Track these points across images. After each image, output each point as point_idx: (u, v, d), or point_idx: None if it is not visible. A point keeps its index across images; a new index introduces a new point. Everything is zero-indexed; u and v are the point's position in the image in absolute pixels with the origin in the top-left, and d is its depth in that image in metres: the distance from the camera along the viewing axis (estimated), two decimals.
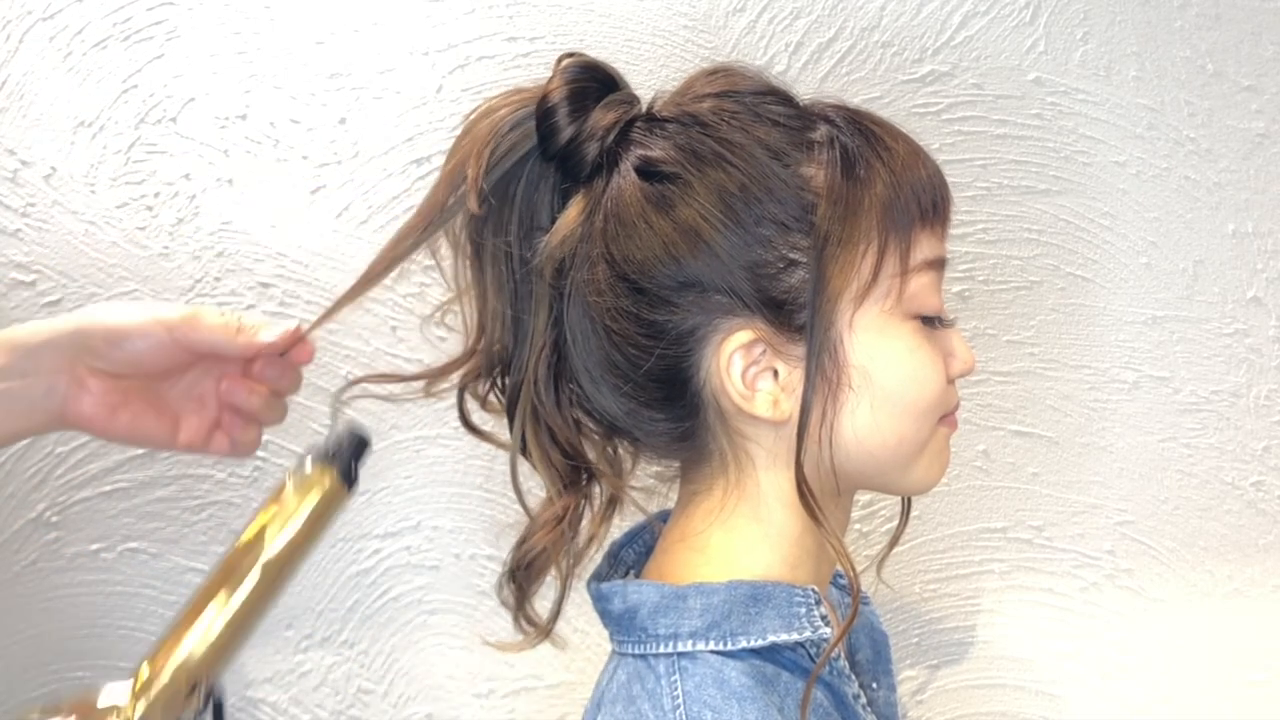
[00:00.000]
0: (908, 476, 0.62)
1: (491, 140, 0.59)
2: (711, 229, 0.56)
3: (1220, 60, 0.96)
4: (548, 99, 0.59)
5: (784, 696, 0.57)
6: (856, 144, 0.58)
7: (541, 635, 0.67)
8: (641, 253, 0.57)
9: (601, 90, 0.61)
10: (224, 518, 0.94)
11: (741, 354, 0.57)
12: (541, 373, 0.62)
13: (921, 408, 0.59)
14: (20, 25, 0.86)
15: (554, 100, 0.59)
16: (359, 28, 0.88)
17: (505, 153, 0.60)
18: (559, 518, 0.63)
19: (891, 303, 0.58)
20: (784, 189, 0.57)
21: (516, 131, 0.60)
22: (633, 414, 0.61)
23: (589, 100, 0.60)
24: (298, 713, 0.98)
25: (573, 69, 0.60)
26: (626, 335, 0.59)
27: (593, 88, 0.60)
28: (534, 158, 0.60)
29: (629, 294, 0.58)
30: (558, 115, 0.59)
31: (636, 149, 0.59)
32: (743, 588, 0.58)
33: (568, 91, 0.59)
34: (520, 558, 0.64)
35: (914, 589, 1.02)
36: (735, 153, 0.57)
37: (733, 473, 0.61)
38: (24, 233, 0.88)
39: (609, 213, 0.58)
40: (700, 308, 0.57)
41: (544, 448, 0.63)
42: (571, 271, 0.59)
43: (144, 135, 0.88)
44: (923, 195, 0.59)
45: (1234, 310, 0.99)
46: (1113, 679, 1.04)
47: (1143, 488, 1.02)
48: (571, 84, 0.59)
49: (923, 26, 0.93)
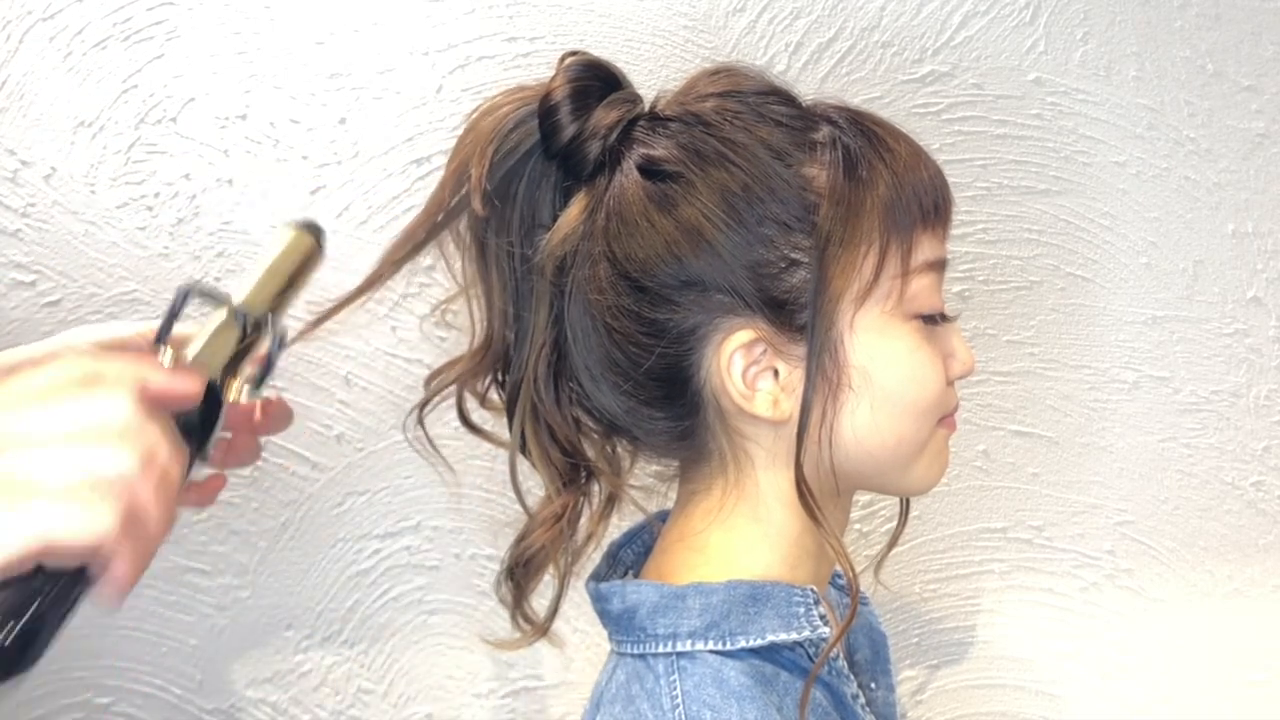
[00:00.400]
0: (907, 477, 0.62)
1: (495, 139, 0.59)
2: (713, 228, 0.56)
3: (1220, 60, 0.96)
4: (550, 97, 0.59)
5: (783, 696, 0.57)
6: (859, 145, 0.58)
7: (539, 633, 0.67)
8: (643, 251, 0.57)
9: (604, 89, 0.61)
10: (224, 518, 0.94)
11: (742, 353, 0.57)
12: (541, 371, 0.62)
13: (921, 408, 0.59)
14: (20, 25, 0.86)
15: (557, 98, 0.59)
16: (359, 28, 0.88)
17: (508, 151, 0.60)
18: (557, 516, 0.63)
19: (893, 303, 0.58)
20: (786, 189, 0.57)
21: (519, 130, 0.60)
22: (632, 412, 0.61)
23: (591, 99, 0.60)
24: (298, 713, 0.98)
25: (575, 67, 0.60)
26: (627, 333, 0.59)
27: (595, 86, 0.60)
28: (536, 156, 0.60)
29: (630, 292, 0.58)
30: (560, 113, 0.59)
31: (639, 147, 0.59)
32: (742, 587, 0.58)
33: (570, 90, 0.59)
34: (518, 555, 0.64)
35: (914, 589, 1.02)
36: (738, 152, 0.57)
37: (732, 472, 0.61)
38: (24, 233, 0.88)
39: (611, 211, 0.58)
40: (701, 307, 0.57)
41: (543, 446, 0.63)
42: (573, 269, 0.60)
43: (144, 135, 0.88)
44: (924, 197, 0.59)
45: (1234, 310, 0.99)
46: (1113, 679, 1.04)
47: (1143, 488, 1.02)
48: (574, 82, 0.59)
49: (923, 26, 0.93)
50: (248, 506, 0.94)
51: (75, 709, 0.96)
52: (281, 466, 0.94)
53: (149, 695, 0.96)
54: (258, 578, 0.96)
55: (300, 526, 0.95)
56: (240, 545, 0.95)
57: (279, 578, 0.96)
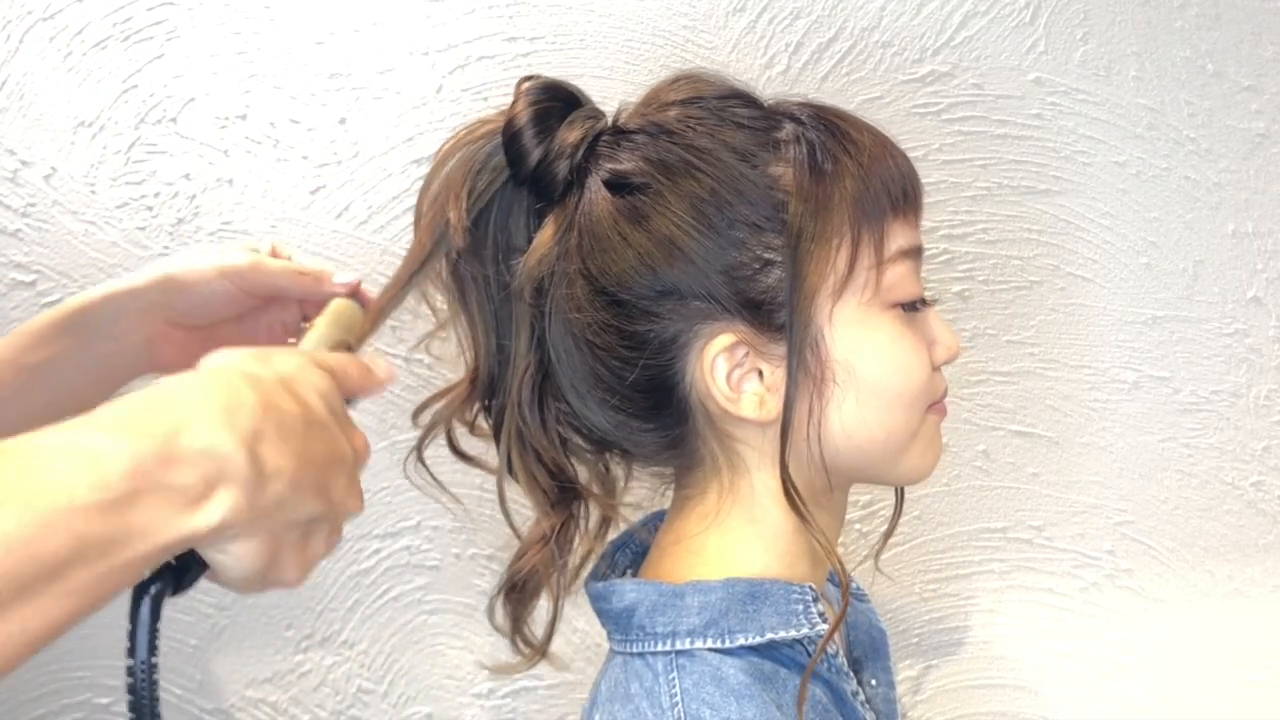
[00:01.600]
0: (899, 467, 0.62)
1: (466, 181, 0.60)
2: (685, 236, 0.57)
3: (1220, 60, 0.96)
4: (513, 123, 0.59)
5: (782, 693, 0.57)
6: (822, 139, 0.58)
7: (538, 655, 0.67)
8: (618, 265, 0.58)
9: (565, 109, 0.61)
10: None
11: (724, 357, 0.58)
12: (525, 395, 0.62)
13: (908, 398, 0.59)
14: (20, 25, 0.86)
15: (520, 124, 0.59)
16: (359, 28, 0.88)
17: (482, 191, 0.60)
18: (546, 537, 0.63)
19: (869, 294, 0.58)
20: (754, 190, 0.57)
21: (489, 168, 0.60)
22: (621, 426, 0.61)
23: (553, 119, 0.60)
24: (298, 713, 0.98)
25: (534, 91, 0.60)
26: (609, 348, 0.59)
27: (556, 107, 0.61)
28: (506, 183, 0.61)
29: (608, 307, 0.58)
30: (524, 138, 0.59)
31: (605, 163, 0.59)
32: (740, 585, 0.58)
33: (532, 114, 0.59)
34: (512, 576, 0.65)
35: (914, 589, 1.02)
36: (703, 158, 0.57)
37: (726, 475, 0.61)
38: (24, 233, 0.88)
39: (583, 229, 0.59)
40: (680, 315, 0.58)
41: (529, 469, 0.64)
42: (550, 290, 0.60)
43: (144, 135, 0.88)
44: (892, 185, 0.59)
45: (1234, 310, 0.99)
46: (1113, 679, 1.04)
47: (1143, 488, 1.02)
48: (535, 105, 0.60)
49: (923, 26, 0.93)
50: None
51: (75, 709, 0.96)
52: None
53: None
54: None
55: None
56: None
57: None
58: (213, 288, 0.66)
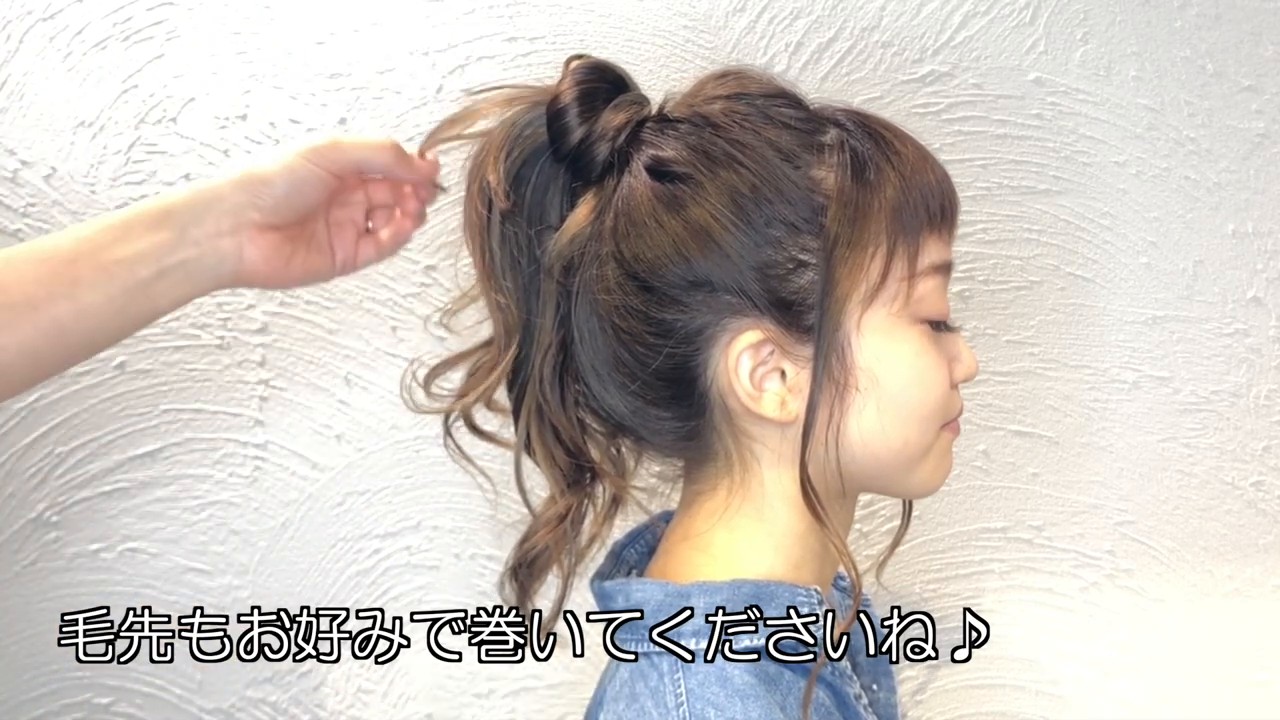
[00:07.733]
0: (911, 480, 0.62)
1: (507, 144, 0.60)
2: (722, 229, 0.57)
3: (1220, 60, 0.96)
4: (558, 100, 0.60)
5: (786, 695, 0.57)
6: (867, 148, 0.59)
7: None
8: (652, 251, 0.57)
9: (611, 91, 0.61)
10: (224, 518, 0.94)
11: (750, 354, 0.58)
12: (547, 372, 0.62)
13: (925, 412, 0.59)
14: (20, 25, 0.85)
15: (565, 101, 0.60)
16: (359, 28, 0.88)
17: (520, 154, 0.61)
18: (561, 516, 0.63)
19: (899, 306, 0.58)
20: (795, 191, 0.57)
21: (529, 132, 0.61)
22: (639, 412, 0.61)
23: (599, 101, 0.60)
24: (298, 713, 0.98)
25: (582, 70, 0.61)
26: (635, 333, 0.59)
27: (603, 89, 0.61)
28: (544, 158, 0.61)
29: (638, 292, 0.58)
30: (569, 116, 0.59)
31: (648, 149, 0.59)
32: (746, 586, 0.58)
33: (578, 93, 0.60)
34: (522, 556, 0.64)
35: (914, 589, 1.02)
36: (746, 154, 0.57)
37: (738, 472, 0.61)
38: (24, 233, 0.88)
39: (619, 211, 0.59)
40: (709, 307, 0.58)
41: (548, 447, 0.63)
42: (580, 270, 0.60)
43: (144, 135, 0.88)
44: (931, 200, 0.59)
45: (1234, 310, 0.99)
46: (1113, 679, 1.05)
47: (1143, 488, 1.02)
48: (581, 85, 0.60)
49: (923, 26, 0.93)
50: (248, 506, 0.94)
51: (75, 709, 0.96)
52: (281, 466, 0.94)
53: (149, 695, 0.96)
54: (258, 578, 0.96)
55: (300, 526, 0.95)
56: (240, 545, 0.95)
57: (279, 578, 0.96)
58: (298, 174, 0.64)
